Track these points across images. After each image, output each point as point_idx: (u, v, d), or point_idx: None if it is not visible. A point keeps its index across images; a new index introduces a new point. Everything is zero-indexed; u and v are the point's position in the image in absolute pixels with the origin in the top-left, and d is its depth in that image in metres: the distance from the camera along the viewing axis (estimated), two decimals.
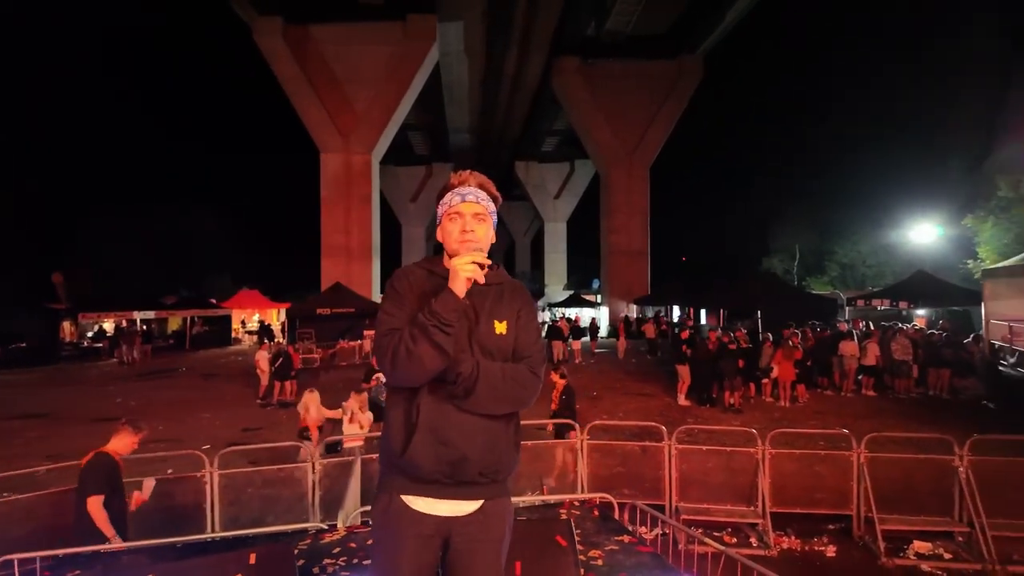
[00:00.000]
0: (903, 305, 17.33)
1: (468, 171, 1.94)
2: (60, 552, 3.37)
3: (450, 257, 1.85)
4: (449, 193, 1.89)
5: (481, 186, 1.90)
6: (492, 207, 1.91)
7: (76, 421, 11.81)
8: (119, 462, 4.21)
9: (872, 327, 15.74)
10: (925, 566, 5.83)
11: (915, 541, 6.19)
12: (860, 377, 13.56)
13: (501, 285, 1.90)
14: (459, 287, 1.70)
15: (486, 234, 1.87)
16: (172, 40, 48.40)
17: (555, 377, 8.29)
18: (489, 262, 1.79)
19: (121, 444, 4.25)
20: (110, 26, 41.16)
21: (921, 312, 19.54)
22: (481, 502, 1.81)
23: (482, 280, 1.74)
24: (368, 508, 4.21)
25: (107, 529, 3.90)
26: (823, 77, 47.86)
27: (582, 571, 2.79)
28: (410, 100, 25.28)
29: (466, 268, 1.70)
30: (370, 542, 1.85)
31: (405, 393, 1.78)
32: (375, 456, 4.52)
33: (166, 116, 52.64)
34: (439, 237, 1.91)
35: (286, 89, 24.31)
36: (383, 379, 7.50)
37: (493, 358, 1.78)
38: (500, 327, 1.82)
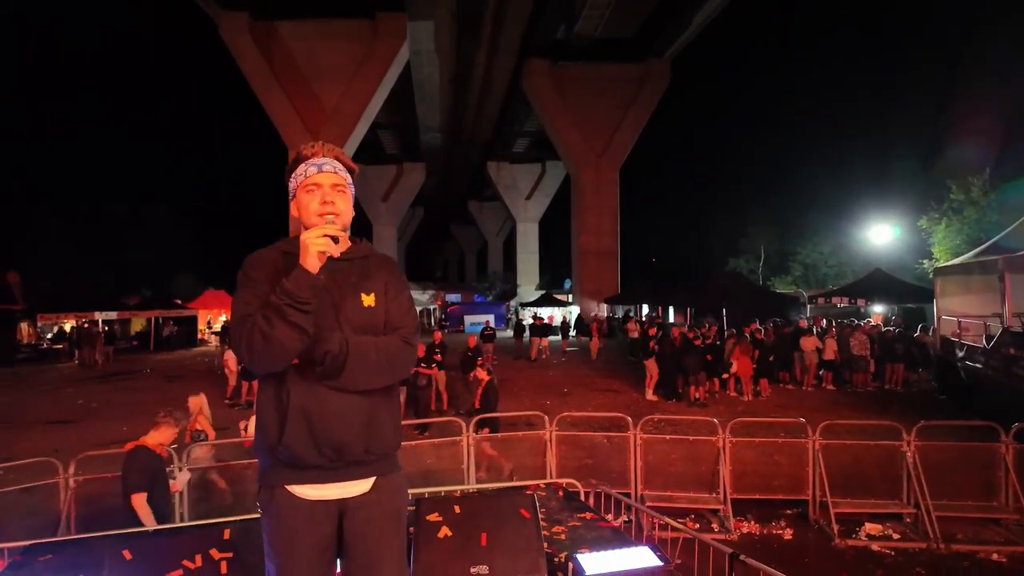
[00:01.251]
0: (861, 302, 17.93)
1: (320, 142, 1.83)
2: (26, 543, 3.36)
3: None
4: (303, 164, 1.78)
5: (336, 158, 1.80)
6: (350, 179, 1.83)
7: (31, 423, 11.51)
8: (162, 454, 4.35)
9: (833, 324, 16.28)
10: (875, 546, 6.10)
11: (866, 523, 6.48)
12: (820, 372, 14.03)
13: (366, 258, 1.83)
14: (311, 263, 1.60)
15: (347, 207, 1.78)
16: (133, 36, 47.18)
17: (481, 374, 8.07)
18: (343, 234, 1.70)
19: (163, 436, 4.36)
20: (68, 21, 40.00)
21: (878, 309, 20.22)
22: (373, 479, 1.75)
23: (336, 254, 1.65)
24: None
25: (151, 524, 4.02)
26: (787, 81, 49.32)
27: (545, 544, 2.91)
28: (380, 98, 25.17)
29: (317, 243, 1.61)
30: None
31: (273, 379, 1.69)
32: None
33: (125, 112, 51.37)
34: (294, 212, 1.80)
35: (253, 86, 23.97)
36: None
37: (366, 333, 1.70)
38: (368, 300, 1.75)
